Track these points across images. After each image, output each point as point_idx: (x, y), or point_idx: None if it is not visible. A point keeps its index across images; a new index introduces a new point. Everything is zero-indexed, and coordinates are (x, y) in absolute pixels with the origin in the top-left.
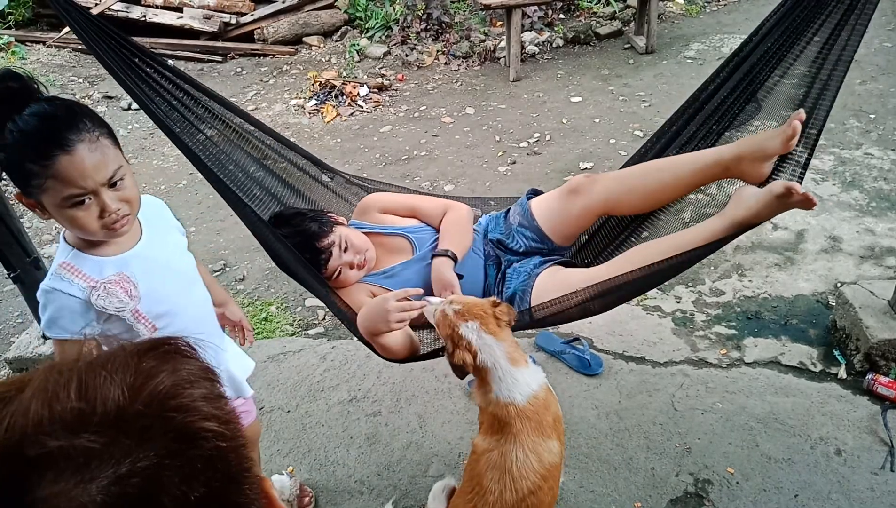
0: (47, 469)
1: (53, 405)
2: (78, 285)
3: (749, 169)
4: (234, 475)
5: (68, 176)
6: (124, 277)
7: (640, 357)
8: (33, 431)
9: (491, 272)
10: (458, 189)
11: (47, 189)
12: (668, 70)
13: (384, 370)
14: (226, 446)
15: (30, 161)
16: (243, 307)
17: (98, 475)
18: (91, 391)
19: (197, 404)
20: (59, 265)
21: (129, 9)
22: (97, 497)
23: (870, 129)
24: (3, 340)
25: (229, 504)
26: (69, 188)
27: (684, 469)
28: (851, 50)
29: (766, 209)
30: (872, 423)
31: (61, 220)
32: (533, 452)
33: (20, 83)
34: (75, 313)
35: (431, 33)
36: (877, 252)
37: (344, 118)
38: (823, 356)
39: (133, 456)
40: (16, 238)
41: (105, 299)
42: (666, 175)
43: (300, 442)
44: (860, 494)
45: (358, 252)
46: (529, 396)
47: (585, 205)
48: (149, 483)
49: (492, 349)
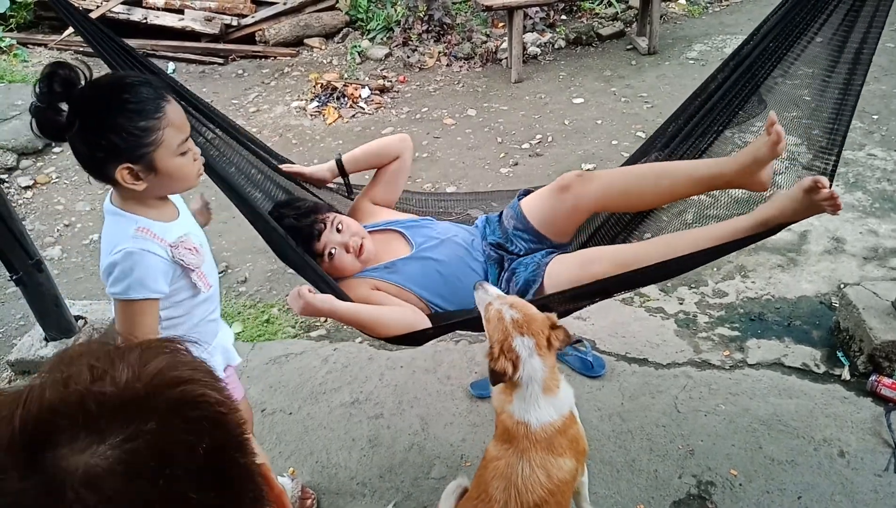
0: (63, 429)
1: (67, 377)
2: (159, 245)
3: (750, 180)
4: (237, 439)
5: (179, 121)
6: (189, 238)
7: (642, 359)
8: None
9: (492, 272)
10: (460, 190)
11: (164, 141)
12: (670, 71)
13: (386, 373)
14: (226, 413)
15: (143, 119)
16: (245, 309)
17: (110, 434)
18: (101, 366)
19: (197, 376)
20: (136, 229)
21: (131, 11)
22: (110, 452)
23: (873, 130)
24: (5, 342)
25: (233, 463)
26: (181, 133)
27: (687, 471)
28: (869, 53)
29: (792, 204)
30: (876, 425)
31: (170, 170)
32: (541, 467)
33: (71, 70)
34: (159, 271)
35: (433, 35)
36: (880, 253)
37: (345, 120)
38: (827, 358)
39: (142, 417)
40: (18, 241)
41: (185, 256)
42: (664, 182)
43: (302, 444)
44: (864, 496)
45: (354, 235)
46: (545, 423)
47: (576, 203)
48: (158, 438)
49: (535, 371)
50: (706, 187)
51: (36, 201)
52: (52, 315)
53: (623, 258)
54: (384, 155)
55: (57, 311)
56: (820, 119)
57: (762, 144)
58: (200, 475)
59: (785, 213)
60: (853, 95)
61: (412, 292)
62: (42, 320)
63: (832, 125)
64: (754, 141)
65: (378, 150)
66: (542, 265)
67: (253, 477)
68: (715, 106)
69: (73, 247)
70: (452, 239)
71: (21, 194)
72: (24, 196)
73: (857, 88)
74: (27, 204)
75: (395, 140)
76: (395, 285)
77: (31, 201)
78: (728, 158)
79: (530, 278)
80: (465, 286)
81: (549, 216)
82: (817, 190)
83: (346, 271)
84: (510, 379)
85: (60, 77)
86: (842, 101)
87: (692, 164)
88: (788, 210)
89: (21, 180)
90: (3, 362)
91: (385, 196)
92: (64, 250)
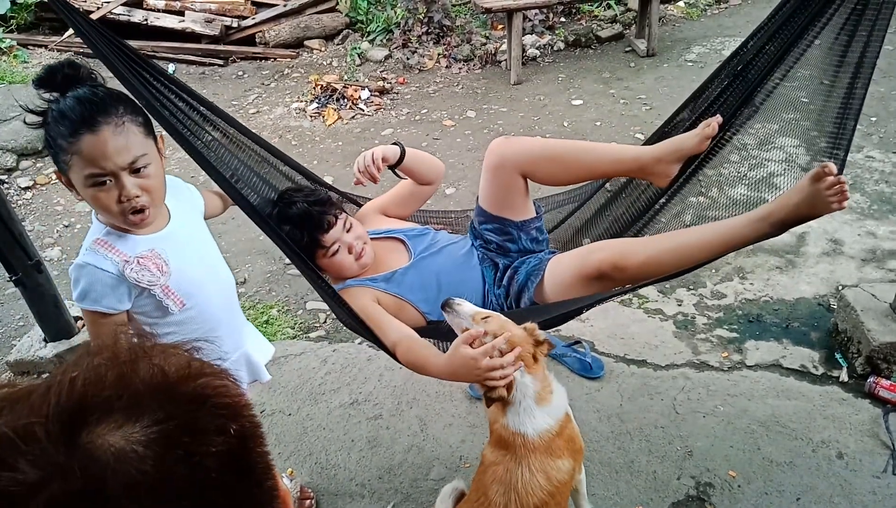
0: (98, 410)
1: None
2: (111, 260)
3: (662, 169)
4: (255, 427)
5: (90, 155)
6: (155, 253)
7: (641, 360)
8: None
9: (489, 275)
10: (459, 192)
11: (72, 166)
12: (669, 73)
13: (385, 374)
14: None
15: (61, 137)
16: (245, 311)
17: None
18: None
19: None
20: (92, 242)
21: (131, 12)
22: (142, 432)
23: (871, 131)
24: (4, 343)
25: (251, 457)
26: (90, 167)
27: (686, 473)
28: (873, 56)
29: (797, 195)
30: (874, 426)
31: (86, 198)
32: (540, 471)
33: (76, 70)
34: (107, 286)
35: (432, 37)
36: (878, 255)
37: (345, 121)
38: (825, 360)
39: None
40: (17, 241)
41: (137, 273)
42: (589, 156)
43: (301, 445)
44: (862, 497)
45: (358, 238)
46: (541, 431)
47: (503, 163)
48: (189, 421)
49: (527, 388)
50: (626, 172)
51: (35, 202)
52: (51, 316)
53: (621, 249)
54: (429, 171)
55: (56, 312)
56: (819, 122)
57: (693, 136)
58: (226, 459)
59: (788, 205)
60: (857, 99)
61: (409, 302)
62: (41, 320)
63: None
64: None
65: (429, 163)
66: (543, 261)
67: (270, 468)
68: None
69: (72, 248)
70: (450, 246)
71: (21, 195)
72: (24, 197)
73: (861, 93)
74: (27, 205)
75: (441, 166)
76: (393, 297)
77: (30, 202)
78: (650, 148)
79: (532, 272)
80: (463, 293)
81: (494, 192)
82: (823, 177)
83: (343, 271)
84: (504, 401)
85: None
86: (845, 105)
87: (618, 148)
88: (792, 203)
89: (20, 181)
90: (2, 362)
91: (398, 211)
92: (63, 251)
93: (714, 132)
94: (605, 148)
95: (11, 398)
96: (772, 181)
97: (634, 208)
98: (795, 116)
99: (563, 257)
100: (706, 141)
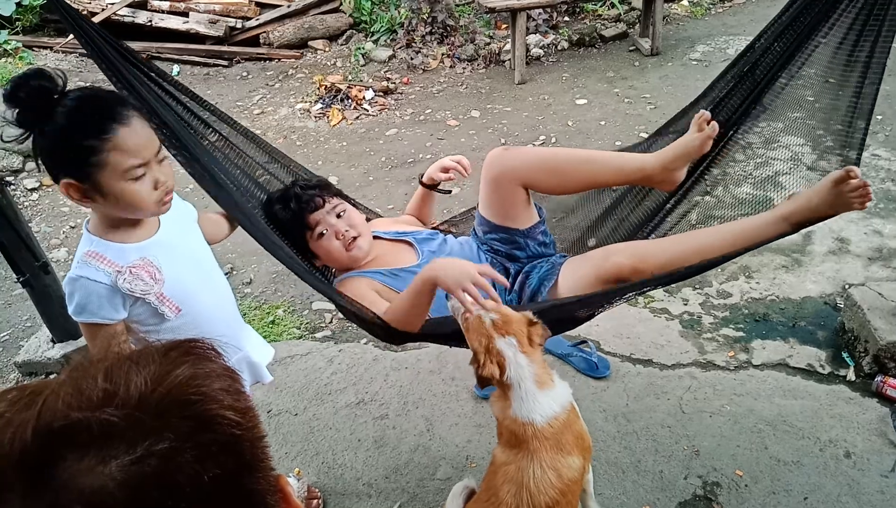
0: (72, 446)
1: (81, 386)
2: (104, 271)
3: (669, 176)
4: (249, 462)
5: (128, 147)
6: (147, 261)
7: (647, 360)
8: (61, 406)
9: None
10: (464, 192)
11: (107, 164)
12: (673, 72)
13: (391, 374)
14: (241, 434)
15: (89, 137)
16: (250, 311)
17: (118, 454)
18: (116, 377)
19: (215, 394)
20: (84, 254)
21: (136, 14)
22: (117, 474)
23: (877, 130)
24: (13, 344)
25: (242, 489)
26: (130, 159)
27: (693, 472)
28: (883, 54)
29: (817, 197)
30: (882, 425)
31: (118, 195)
32: (552, 468)
33: (50, 81)
34: (102, 297)
35: (436, 36)
36: (885, 254)
37: (349, 122)
38: (832, 359)
39: (151, 438)
40: (24, 243)
41: (131, 283)
42: (591, 167)
43: (308, 445)
44: (870, 497)
45: (350, 227)
46: (550, 417)
47: (503, 173)
48: (165, 463)
49: (522, 369)
50: (630, 180)
51: (42, 203)
52: (58, 317)
53: (641, 251)
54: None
55: (63, 313)
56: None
57: (694, 138)
58: (206, 501)
59: (809, 207)
60: (867, 99)
61: None
62: (49, 321)
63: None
64: (685, 135)
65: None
66: (556, 265)
67: (264, 500)
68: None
69: None
70: (459, 251)
71: (27, 196)
72: (31, 198)
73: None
74: (33, 206)
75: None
76: (396, 293)
77: (37, 203)
78: (652, 155)
79: (545, 277)
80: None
81: (496, 204)
82: (847, 180)
83: (333, 257)
84: (499, 381)
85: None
86: (855, 104)
87: (620, 156)
88: (812, 204)
89: (27, 183)
90: (10, 363)
91: (423, 215)
92: (70, 252)
93: (715, 132)
94: (608, 157)
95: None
96: (777, 180)
97: (641, 209)
98: (801, 115)
99: (578, 260)
100: (709, 141)
